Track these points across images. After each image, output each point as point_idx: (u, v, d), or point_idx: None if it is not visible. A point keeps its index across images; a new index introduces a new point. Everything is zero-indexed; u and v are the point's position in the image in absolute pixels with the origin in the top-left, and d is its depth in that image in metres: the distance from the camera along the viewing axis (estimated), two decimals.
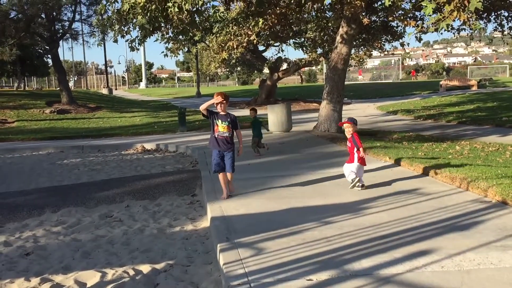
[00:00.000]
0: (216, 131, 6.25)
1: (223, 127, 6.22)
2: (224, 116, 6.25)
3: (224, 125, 6.22)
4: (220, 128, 6.23)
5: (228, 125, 6.23)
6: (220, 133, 6.23)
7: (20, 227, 6.30)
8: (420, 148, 10.04)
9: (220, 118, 6.23)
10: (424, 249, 4.13)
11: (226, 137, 6.25)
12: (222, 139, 6.24)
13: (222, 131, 6.23)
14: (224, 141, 6.26)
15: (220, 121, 6.22)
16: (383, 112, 22.19)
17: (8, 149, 14.18)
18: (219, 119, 6.22)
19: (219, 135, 6.24)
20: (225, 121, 6.22)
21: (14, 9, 21.05)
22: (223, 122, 6.21)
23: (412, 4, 12.02)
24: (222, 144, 6.26)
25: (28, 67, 40.61)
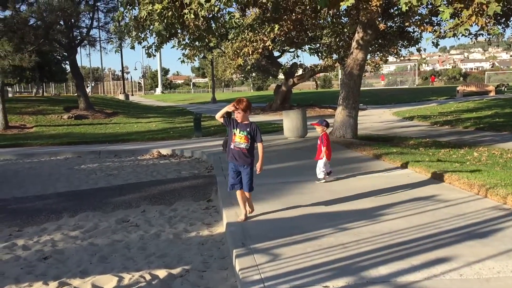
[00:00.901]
0: (233, 141, 5.49)
1: (240, 137, 5.43)
2: (244, 125, 5.46)
3: (242, 135, 5.42)
4: (237, 138, 5.46)
5: (246, 136, 5.41)
6: (237, 144, 5.45)
7: (39, 231, 6.38)
8: (437, 154, 9.95)
9: (239, 126, 5.48)
10: (442, 256, 4.08)
11: (242, 149, 5.43)
12: (238, 151, 5.44)
13: (239, 142, 5.44)
14: (239, 154, 5.45)
15: (238, 130, 5.46)
16: (399, 118, 22.03)
17: (27, 154, 14.40)
18: (237, 127, 5.47)
19: (235, 146, 5.46)
20: (243, 130, 5.43)
21: (33, 16, 21.40)
22: (241, 131, 5.43)
23: (429, 9, 11.93)
24: (238, 157, 5.45)
25: (47, 73, 41.20)
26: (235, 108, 5.43)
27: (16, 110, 25.54)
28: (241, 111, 5.40)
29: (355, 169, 8.71)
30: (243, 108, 5.42)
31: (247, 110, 5.45)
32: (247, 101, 5.50)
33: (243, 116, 5.44)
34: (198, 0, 8.64)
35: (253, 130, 5.44)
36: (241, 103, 5.43)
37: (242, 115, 5.43)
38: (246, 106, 5.45)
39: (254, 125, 5.50)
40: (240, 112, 5.42)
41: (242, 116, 5.43)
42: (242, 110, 5.41)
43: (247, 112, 5.47)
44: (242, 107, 5.41)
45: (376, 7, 10.66)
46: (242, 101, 5.46)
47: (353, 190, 6.98)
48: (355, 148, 11.20)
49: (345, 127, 13.17)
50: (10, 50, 18.76)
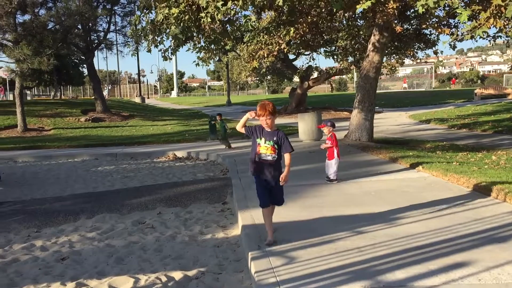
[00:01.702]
0: (258, 152, 4.73)
1: (266, 148, 4.68)
2: (270, 133, 4.70)
3: (268, 145, 4.68)
4: (262, 149, 4.71)
5: (273, 146, 4.67)
6: (262, 156, 4.71)
7: (56, 232, 6.46)
8: (454, 157, 9.83)
9: (264, 135, 4.72)
10: (460, 261, 4.03)
11: (270, 162, 4.70)
12: (265, 164, 4.72)
13: (264, 153, 4.70)
14: (267, 167, 4.73)
15: (264, 139, 4.70)
16: (415, 121, 21.83)
17: (45, 156, 14.59)
18: (262, 136, 4.72)
19: (261, 158, 4.72)
20: (270, 140, 4.68)
21: (52, 21, 21.71)
22: (268, 141, 4.68)
23: (446, 11, 11.82)
24: (266, 171, 4.74)
25: (64, 77, 41.81)
26: (259, 115, 4.67)
27: (34, 113, 25.91)
28: (269, 115, 4.64)
29: (371, 172, 8.66)
30: (271, 111, 4.66)
31: (276, 114, 4.73)
32: (273, 104, 4.77)
33: (272, 122, 4.70)
34: (215, 4, 8.68)
35: (280, 138, 4.69)
36: (268, 106, 4.66)
37: (271, 121, 4.67)
38: (274, 108, 4.71)
39: (281, 133, 4.74)
40: (269, 117, 4.64)
41: (271, 122, 4.67)
42: (270, 114, 4.64)
43: (275, 117, 4.74)
44: (270, 110, 4.64)
45: (393, 9, 10.58)
46: (267, 104, 4.70)
47: (369, 193, 6.94)
48: (371, 151, 11.13)
49: (360, 130, 13.09)
50: (29, 53, 19.05)
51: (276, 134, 4.70)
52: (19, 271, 4.99)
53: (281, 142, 4.70)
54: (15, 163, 13.85)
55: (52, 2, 24.05)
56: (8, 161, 13.92)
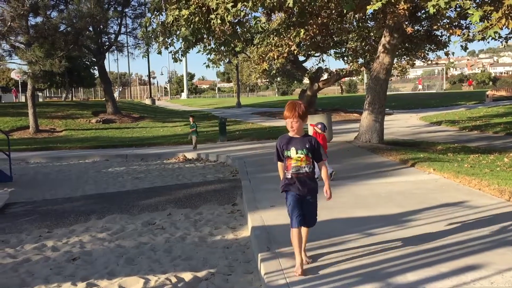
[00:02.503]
0: (290, 168, 4.00)
1: (299, 158, 3.96)
2: (300, 140, 3.98)
3: (301, 155, 3.95)
4: (294, 162, 3.98)
5: (306, 155, 3.96)
6: (295, 170, 3.98)
7: (67, 233, 6.51)
8: (466, 159, 9.75)
9: (293, 143, 3.99)
10: (472, 264, 3.99)
11: (306, 174, 4.00)
12: (301, 177, 3.99)
13: (298, 165, 3.97)
14: (305, 181, 4.00)
15: (295, 149, 3.97)
16: (426, 123, 21.68)
17: (56, 157, 14.71)
18: (292, 146, 3.98)
19: (293, 173, 3.98)
20: (302, 148, 3.96)
21: (63, 23, 21.92)
22: (300, 150, 3.96)
23: (457, 12, 11.74)
24: (303, 186, 4.00)
25: (76, 78, 42.20)
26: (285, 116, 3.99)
27: (46, 114, 26.15)
28: (297, 118, 3.90)
29: (381, 174, 8.61)
30: (301, 114, 3.91)
31: (306, 117, 3.96)
32: (304, 104, 4.02)
33: (300, 126, 3.95)
34: (225, 5, 8.71)
35: (312, 145, 3.98)
36: (298, 107, 3.91)
37: (299, 125, 3.93)
38: (305, 110, 3.95)
39: (313, 139, 4.05)
40: (296, 120, 3.90)
41: (299, 126, 3.93)
42: (299, 116, 3.90)
43: (305, 120, 3.98)
44: (300, 112, 3.90)
45: (404, 10, 10.54)
46: (298, 104, 3.95)
47: (379, 195, 6.90)
48: (381, 153, 11.08)
49: (371, 132, 13.03)
50: (41, 55, 19.25)
51: (308, 141, 3.99)
52: (30, 271, 5.03)
53: (315, 149, 4.00)
54: (27, 164, 13.98)
55: (64, 4, 24.31)
56: (20, 162, 14.05)
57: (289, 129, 4.00)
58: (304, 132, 4.05)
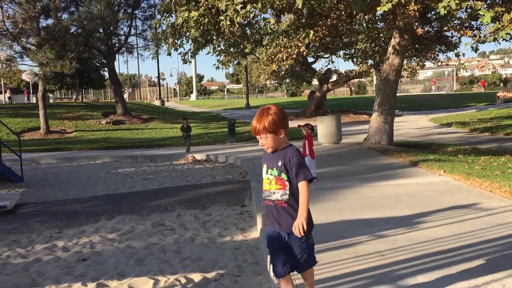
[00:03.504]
0: (262, 191, 3.07)
1: (268, 180, 3.00)
2: (272, 157, 2.99)
3: (270, 177, 2.98)
4: (265, 184, 3.03)
5: (277, 176, 2.95)
6: (265, 195, 3.03)
7: (78, 233, 6.55)
8: (476, 161, 9.66)
9: (265, 160, 3.06)
10: (483, 266, 3.95)
11: (279, 203, 2.97)
12: (272, 207, 3.00)
13: (267, 190, 3.01)
14: (278, 213, 2.98)
15: (265, 167, 3.04)
16: (436, 125, 21.55)
17: (67, 158, 14.82)
18: (264, 163, 3.06)
19: (264, 199, 3.05)
20: (272, 167, 2.98)
21: (74, 25, 22.08)
22: (269, 169, 3.00)
23: (468, 13, 11.65)
24: (274, 218, 3.00)
25: (86, 80, 42.51)
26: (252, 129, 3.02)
27: (57, 116, 26.35)
28: (265, 133, 2.91)
29: (391, 176, 8.57)
30: (269, 125, 2.89)
31: (278, 128, 2.91)
32: (275, 110, 2.94)
33: (274, 142, 2.93)
34: (234, 7, 8.72)
35: (289, 161, 2.90)
36: (264, 115, 2.92)
37: (272, 142, 2.93)
38: (273, 121, 2.88)
39: (291, 151, 2.94)
40: (264, 135, 2.92)
41: (272, 142, 2.93)
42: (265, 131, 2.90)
43: (279, 132, 2.92)
44: (267, 124, 2.89)
45: (414, 11, 10.48)
46: (265, 111, 2.94)
47: (389, 197, 6.86)
48: (391, 154, 11.02)
49: (380, 133, 12.97)
50: (52, 57, 19.39)
51: (282, 157, 2.92)
52: (41, 271, 5.07)
53: (291, 167, 2.89)
54: (37, 164, 14.09)
55: (75, 6, 24.47)
56: (31, 162, 14.16)
57: (264, 147, 3.00)
58: (287, 144, 2.98)
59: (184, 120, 15.54)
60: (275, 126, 2.88)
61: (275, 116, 2.89)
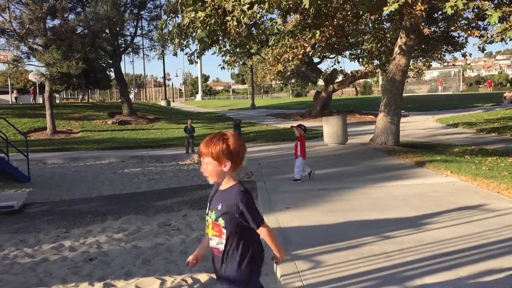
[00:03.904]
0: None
1: (207, 223, 2.62)
2: (217, 196, 2.60)
3: (209, 220, 2.59)
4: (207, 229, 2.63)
5: (214, 221, 2.53)
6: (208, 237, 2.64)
7: (84, 233, 6.57)
8: (483, 162, 9.61)
9: (211, 198, 2.65)
10: (491, 268, 3.93)
11: (215, 250, 2.59)
12: (214, 257, 2.62)
13: (207, 233, 2.65)
14: (213, 259, 2.64)
15: (208, 207, 2.64)
16: (442, 125, 21.45)
17: (73, 158, 14.88)
18: (209, 201, 2.66)
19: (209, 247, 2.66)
20: (212, 209, 2.57)
21: (80, 25, 22.16)
22: (209, 211, 2.60)
23: (475, 13, 11.60)
24: (215, 267, 2.64)
25: (92, 80, 42.60)
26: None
27: (63, 116, 26.45)
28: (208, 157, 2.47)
29: (398, 177, 8.54)
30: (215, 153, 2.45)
31: (224, 159, 2.45)
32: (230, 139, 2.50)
33: (214, 171, 2.48)
34: (241, 7, 8.72)
35: (231, 204, 2.44)
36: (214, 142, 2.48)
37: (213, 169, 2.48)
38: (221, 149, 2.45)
39: (235, 195, 2.45)
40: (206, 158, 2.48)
41: (213, 170, 2.48)
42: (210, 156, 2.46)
43: (224, 164, 2.46)
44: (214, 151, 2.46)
45: (421, 11, 10.45)
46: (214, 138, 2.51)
47: (395, 198, 6.84)
48: (397, 155, 10.98)
49: (386, 134, 12.93)
50: (58, 57, 19.47)
51: (224, 198, 2.47)
52: (48, 270, 5.09)
53: (236, 212, 2.42)
54: (44, 164, 14.15)
55: (81, 7, 24.58)
56: (38, 162, 14.23)
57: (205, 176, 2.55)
58: (233, 182, 2.49)
59: (188, 121, 15.64)
60: (222, 155, 2.43)
61: (227, 145, 2.45)
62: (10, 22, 20.43)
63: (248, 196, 2.46)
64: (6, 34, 20.96)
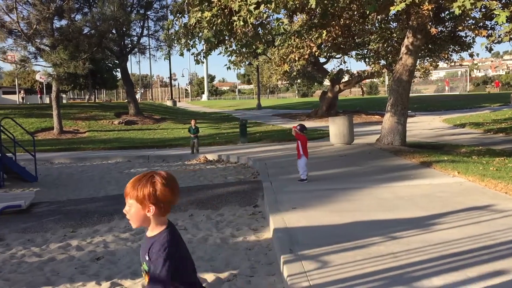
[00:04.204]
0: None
1: (143, 274, 2.20)
2: (144, 244, 2.19)
3: (143, 271, 2.17)
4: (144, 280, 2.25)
5: (147, 272, 2.11)
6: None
7: (91, 233, 6.59)
8: (491, 162, 9.55)
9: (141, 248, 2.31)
10: (499, 269, 3.91)
11: None
12: None
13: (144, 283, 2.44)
14: None
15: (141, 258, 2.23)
16: (449, 125, 21.36)
17: (80, 157, 14.94)
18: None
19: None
20: (142, 260, 2.17)
21: (87, 25, 22.26)
22: (142, 260, 2.18)
23: (482, 13, 11.53)
24: None
25: (99, 80, 42.80)
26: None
27: (70, 116, 26.58)
28: (132, 199, 2.11)
29: (405, 177, 8.50)
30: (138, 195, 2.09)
31: (149, 203, 2.09)
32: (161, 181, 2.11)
33: (136, 215, 2.13)
34: (248, 7, 8.72)
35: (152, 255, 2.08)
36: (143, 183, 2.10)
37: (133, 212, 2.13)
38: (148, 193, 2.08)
39: (156, 244, 2.09)
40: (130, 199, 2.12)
41: (132, 213, 2.13)
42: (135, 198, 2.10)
43: (147, 208, 2.10)
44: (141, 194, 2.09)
45: (428, 11, 10.40)
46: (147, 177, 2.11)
47: (402, 198, 6.82)
48: (404, 155, 10.94)
49: (393, 134, 12.89)
50: (65, 58, 19.57)
51: (149, 248, 2.11)
52: (55, 270, 5.11)
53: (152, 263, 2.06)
54: (51, 164, 14.22)
55: (88, 7, 24.68)
56: (45, 162, 14.29)
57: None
58: (161, 228, 2.14)
59: (192, 121, 15.60)
60: (146, 199, 2.07)
61: (153, 189, 2.06)
62: (18, 22, 20.55)
63: (165, 248, 2.06)
64: (14, 35, 21.09)
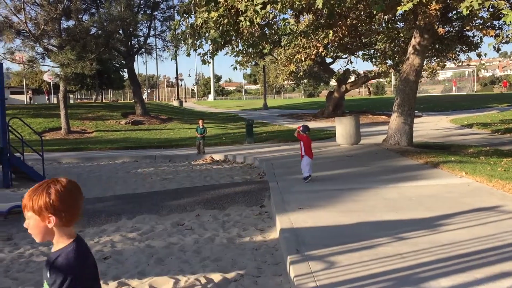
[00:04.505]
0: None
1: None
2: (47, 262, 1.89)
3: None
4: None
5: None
6: None
7: (99, 232, 6.62)
8: (499, 163, 9.50)
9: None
10: (507, 270, 3.89)
11: None
12: None
13: None
14: None
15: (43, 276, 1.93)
16: (456, 126, 21.25)
17: (87, 157, 15.01)
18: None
19: None
20: (44, 278, 1.87)
21: (94, 26, 22.35)
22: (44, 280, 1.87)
23: (490, 12, 11.47)
24: None
25: (106, 81, 43.00)
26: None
27: (77, 116, 26.71)
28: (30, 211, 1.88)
29: (412, 177, 8.48)
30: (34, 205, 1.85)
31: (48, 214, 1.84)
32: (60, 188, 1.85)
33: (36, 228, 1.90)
34: (254, 8, 8.73)
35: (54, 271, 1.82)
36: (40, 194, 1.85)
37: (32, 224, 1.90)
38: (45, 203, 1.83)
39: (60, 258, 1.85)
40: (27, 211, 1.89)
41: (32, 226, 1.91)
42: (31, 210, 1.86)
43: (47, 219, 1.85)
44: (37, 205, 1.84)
45: (435, 10, 10.36)
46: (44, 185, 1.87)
47: (409, 199, 6.79)
48: (411, 155, 10.90)
49: (400, 134, 12.85)
50: (73, 58, 19.66)
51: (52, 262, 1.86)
52: None
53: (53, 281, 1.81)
54: (59, 164, 14.30)
55: (95, 8, 24.78)
56: (53, 162, 14.37)
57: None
58: (67, 241, 1.90)
59: (200, 121, 15.60)
60: (43, 209, 1.83)
61: (49, 198, 1.83)
62: (26, 23, 20.69)
63: (67, 265, 1.82)
64: (22, 35, 21.22)
